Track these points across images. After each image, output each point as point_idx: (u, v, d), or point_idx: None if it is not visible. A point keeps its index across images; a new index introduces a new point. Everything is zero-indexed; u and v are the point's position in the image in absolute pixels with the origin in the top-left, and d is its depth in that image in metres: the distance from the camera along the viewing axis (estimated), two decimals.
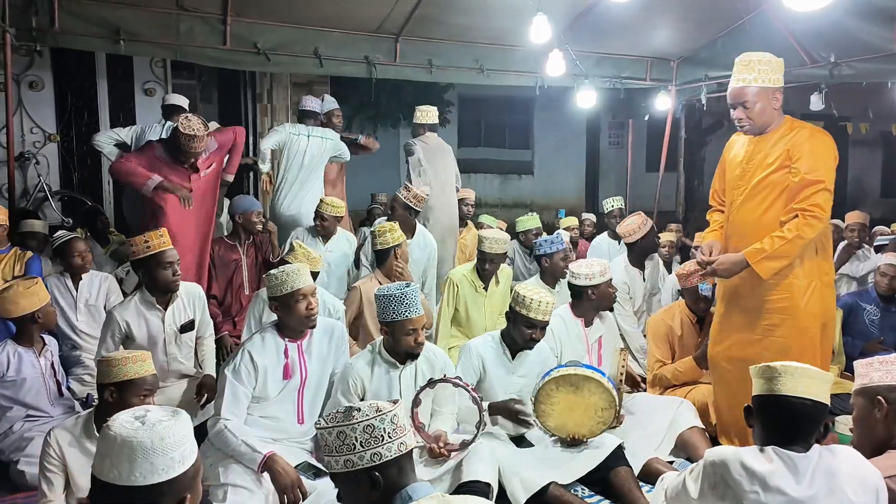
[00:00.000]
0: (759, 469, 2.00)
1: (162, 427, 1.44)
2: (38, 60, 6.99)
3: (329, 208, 5.03)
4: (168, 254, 3.52)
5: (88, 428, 2.64)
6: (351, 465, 1.62)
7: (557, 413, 3.21)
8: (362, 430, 1.62)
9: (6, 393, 3.43)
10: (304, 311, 3.03)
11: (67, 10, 5.21)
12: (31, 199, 6.94)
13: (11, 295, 3.42)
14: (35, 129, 7.20)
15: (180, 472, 1.45)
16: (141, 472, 1.41)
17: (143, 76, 7.57)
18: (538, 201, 12.93)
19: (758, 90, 3.09)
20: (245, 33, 5.79)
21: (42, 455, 2.60)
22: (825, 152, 3.05)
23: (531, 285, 3.89)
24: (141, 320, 3.57)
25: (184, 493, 1.47)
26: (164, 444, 1.42)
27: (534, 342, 3.36)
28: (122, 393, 2.56)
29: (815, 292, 3.18)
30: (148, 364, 2.62)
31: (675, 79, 7.39)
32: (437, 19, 6.02)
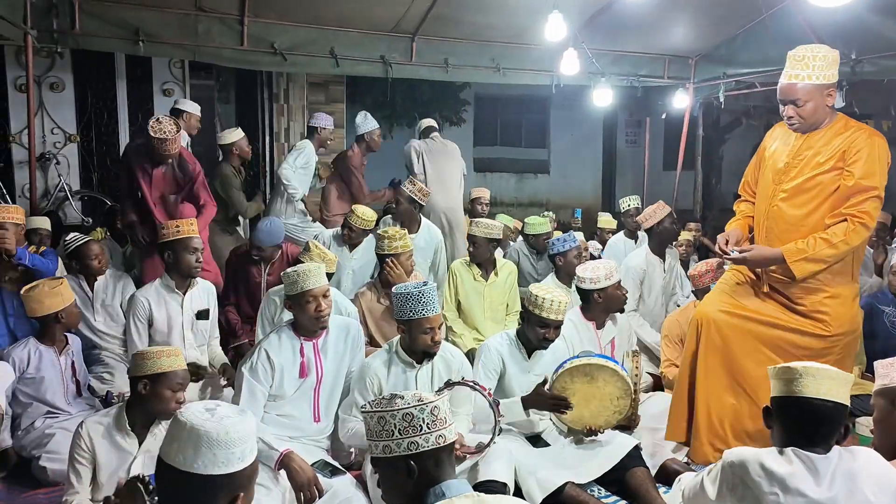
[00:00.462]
0: (779, 470, 1.98)
1: (229, 422, 1.52)
2: (59, 62, 7.08)
3: (359, 220, 4.90)
4: (195, 240, 3.76)
5: (120, 421, 2.69)
6: (389, 451, 1.64)
7: (573, 405, 3.20)
8: (402, 417, 1.63)
9: (26, 390, 3.48)
10: (313, 312, 3.06)
11: (88, 11, 5.29)
12: (52, 198, 7.03)
13: (37, 294, 3.47)
14: (56, 130, 7.29)
15: (238, 468, 1.51)
16: (203, 461, 1.48)
17: (162, 77, 7.64)
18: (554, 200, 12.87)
19: (811, 87, 2.86)
20: (262, 33, 5.82)
21: (72, 446, 2.64)
22: (881, 158, 2.89)
23: (546, 285, 3.88)
24: (161, 303, 3.76)
25: (238, 490, 1.53)
26: (229, 437, 1.50)
27: (548, 342, 3.36)
28: (154, 385, 2.62)
29: (847, 301, 3.07)
30: (181, 359, 2.70)
31: (693, 76, 7.33)
32: (453, 18, 6.02)
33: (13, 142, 7.12)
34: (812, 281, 2.99)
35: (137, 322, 3.75)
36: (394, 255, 4.17)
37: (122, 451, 2.67)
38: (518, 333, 3.48)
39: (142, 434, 2.71)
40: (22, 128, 7.01)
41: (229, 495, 1.51)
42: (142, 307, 3.74)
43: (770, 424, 2.11)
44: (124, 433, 2.67)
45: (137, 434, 2.70)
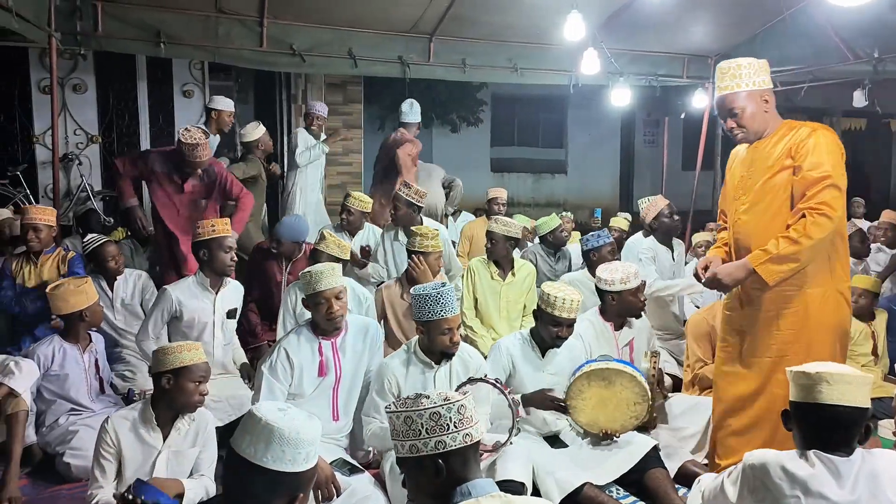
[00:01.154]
0: (800, 473, 1.97)
1: (299, 423, 1.62)
2: (82, 64, 7.17)
3: (356, 202, 5.10)
4: (229, 239, 3.81)
5: (146, 416, 2.73)
6: (415, 451, 1.65)
7: (589, 408, 3.20)
8: (429, 416, 1.64)
9: (50, 387, 3.53)
10: (325, 314, 3.10)
11: (110, 14, 5.36)
12: (74, 198, 7.12)
13: (62, 293, 3.52)
14: (78, 131, 7.38)
15: (302, 469, 1.59)
16: (272, 456, 1.57)
17: (182, 78, 7.71)
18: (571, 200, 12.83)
19: (744, 94, 2.88)
20: (281, 35, 5.87)
21: (98, 441, 2.69)
22: (828, 147, 2.82)
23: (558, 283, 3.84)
24: (193, 300, 3.77)
25: (298, 491, 1.61)
26: (299, 437, 1.59)
27: (561, 340, 3.37)
28: (178, 379, 2.67)
29: (830, 302, 2.91)
30: (201, 353, 2.76)
31: (713, 76, 7.26)
32: (470, 18, 6.03)
33: (37, 142, 7.22)
34: (787, 286, 2.89)
35: (159, 315, 3.75)
36: (422, 253, 4.18)
37: (148, 445, 2.71)
38: (532, 332, 3.49)
39: (166, 429, 2.75)
40: (45, 129, 7.11)
41: (290, 494, 1.59)
42: (170, 302, 3.74)
43: (790, 427, 2.09)
44: (150, 428, 2.72)
45: (162, 429, 2.74)
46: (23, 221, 4.20)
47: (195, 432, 2.82)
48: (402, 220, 4.84)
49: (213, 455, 2.90)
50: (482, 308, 4.55)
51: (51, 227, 4.23)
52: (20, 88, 7.14)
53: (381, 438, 3.03)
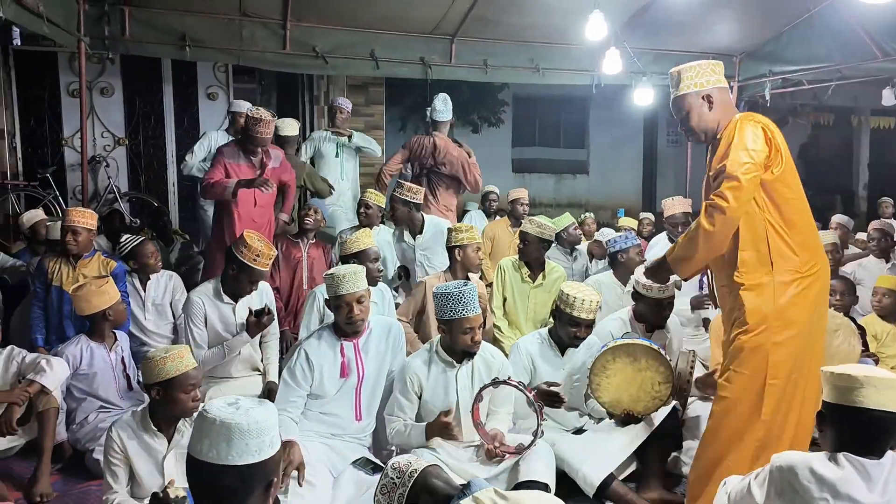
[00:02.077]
0: (829, 476, 1.94)
1: (255, 412, 1.58)
2: (110, 67, 7.30)
3: (374, 197, 5.19)
4: (262, 273, 3.77)
5: (145, 422, 2.73)
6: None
7: (613, 387, 3.20)
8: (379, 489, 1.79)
9: (80, 385, 3.59)
10: (345, 318, 3.12)
11: (137, 18, 5.46)
12: (102, 200, 7.25)
13: (85, 293, 3.58)
14: (105, 134, 7.51)
15: (269, 455, 1.58)
16: (237, 452, 1.54)
17: (206, 81, 7.82)
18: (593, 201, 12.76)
19: (687, 96, 2.86)
20: (304, 37, 5.92)
21: (105, 449, 2.71)
22: (739, 137, 2.67)
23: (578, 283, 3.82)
24: (214, 306, 3.80)
25: (271, 476, 1.60)
26: (259, 426, 1.57)
27: (579, 340, 3.39)
28: (167, 390, 2.64)
29: (771, 296, 2.69)
30: (187, 359, 2.69)
31: (738, 75, 7.20)
32: (492, 19, 6.03)
33: (66, 145, 7.37)
34: (728, 288, 2.79)
35: (196, 322, 3.75)
36: (460, 247, 4.22)
37: (153, 449, 2.71)
38: (551, 332, 3.50)
39: (168, 431, 2.75)
40: (74, 132, 7.25)
41: (263, 481, 1.58)
42: (199, 307, 3.77)
43: (822, 429, 2.07)
44: (152, 433, 2.72)
45: (164, 432, 2.74)
46: (63, 224, 4.25)
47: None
48: (402, 219, 4.85)
49: None
50: (509, 309, 4.53)
51: (90, 230, 4.23)
52: (50, 92, 7.29)
53: (404, 437, 3.05)
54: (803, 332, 2.70)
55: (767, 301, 2.68)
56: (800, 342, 2.70)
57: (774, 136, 2.71)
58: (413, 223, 4.91)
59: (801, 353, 2.71)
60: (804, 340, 2.71)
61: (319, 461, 2.97)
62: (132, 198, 7.53)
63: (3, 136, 6.97)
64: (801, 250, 2.71)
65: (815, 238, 2.85)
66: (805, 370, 2.70)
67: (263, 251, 3.69)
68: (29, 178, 7.14)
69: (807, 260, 2.72)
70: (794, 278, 2.69)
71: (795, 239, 2.72)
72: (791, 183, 2.75)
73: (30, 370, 3.37)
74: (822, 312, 2.85)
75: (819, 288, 2.76)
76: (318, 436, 3.10)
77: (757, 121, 2.74)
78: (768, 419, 2.66)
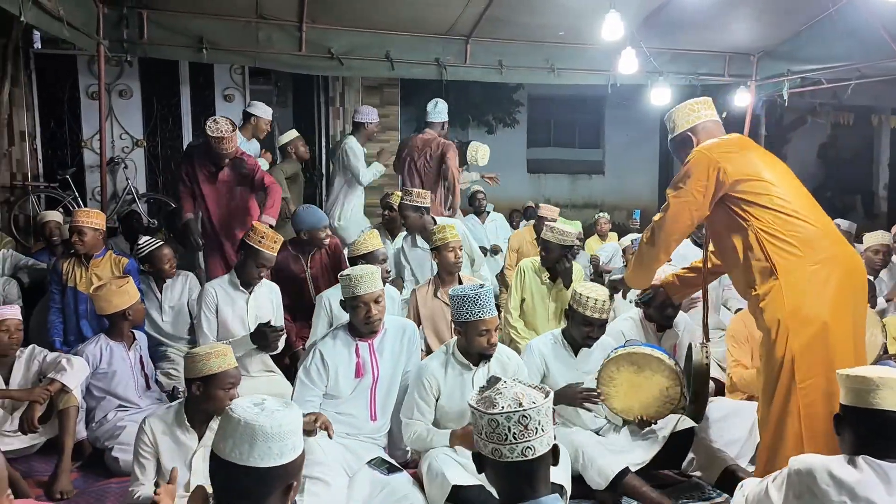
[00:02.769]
0: (848, 478, 1.93)
1: (280, 415, 1.57)
2: (128, 70, 7.37)
3: (398, 199, 5.19)
4: (267, 257, 3.91)
5: (180, 418, 2.76)
6: (478, 447, 1.63)
7: (622, 394, 3.20)
8: (486, 422, 1.59)
9: (99, 384, 3.63)
10: (363, 317, 3.12)
11: (155, 21, 5.51)
12: (120, 201, 7.32)
13: (105, 293, 3.62)
14: (124, 135, 7.58)
15: (292, 458, 1.57)
16: (259, 454, 1.53)
17: (223, 83, 7.87)
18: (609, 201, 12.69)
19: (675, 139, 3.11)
20: (319, 39, 5.94)
21: (136, 441, 2.74)
22: (686, 166, 2.92)
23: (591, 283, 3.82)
24: (228, 299, 3.90)
25: (291, 479, 1.59)
26: (282, 430, 1.56)
27: (591, 340, 3.39)
28: (207, 386, 2.68)
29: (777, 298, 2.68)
30: (230, 358, 2.73)
31: (756, 74, 7.14)
32: (507, 20, 6.02)
33: (85, 147, 7.45)
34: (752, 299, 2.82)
35: (207, 312, 3.86)
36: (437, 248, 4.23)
37: (183, 445, 2.74)
38: (563, 332, 3.50)
39: (201, 429, 2.78)
40: (93, 133, 7.33)
41: (284, 484, 1.58)
42: (211, 298, 3.87)
43: (840, 431, 2.05)
44: (184, 429, 2.75)
45: (196, 429, 2.77)
46: (70, 224, 4.32)
47: None
48: (414, 226, 4.81)
49: None
50: (527, 310, 4.52)
51: (97, 230, 4.27)
52: (69, 95, 7.38)
53: (425, 441, 3.06)
54: (831, 325, 2.63)
55: (779, 306, 2.67)
56: (831, 336, 2.63)
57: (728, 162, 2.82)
58: (425, 228, 4.88)
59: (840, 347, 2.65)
60: (838, 333, 2.65)
61: (335, 461, 2.99)
62: (150, 199, 7.60)
63: (23, 138, 7.06)
64: (804, 246, 2.70)
65: (822, 228, 2.79)
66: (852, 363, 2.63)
67: (268, 234, 3.88)
68: (49, 179, 7.24)
69: (815, 252, 2.70)
70: (804, 275, 2.67)
71: (795, 236, 2.71)
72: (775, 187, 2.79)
73: (51, 369, 3.42)
74: (854, 301, 2.75)
75: (840, 276, 2.70)
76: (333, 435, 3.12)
77: (709, 151, 2.87)
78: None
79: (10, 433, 3.38)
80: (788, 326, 2.64)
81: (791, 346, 2.63)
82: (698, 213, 2.89)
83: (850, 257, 2.81)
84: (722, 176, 2.80)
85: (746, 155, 2.89)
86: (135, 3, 5.37)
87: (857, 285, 2.79)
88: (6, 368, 3.48)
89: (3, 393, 3.39)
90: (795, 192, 2.83)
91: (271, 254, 3.91)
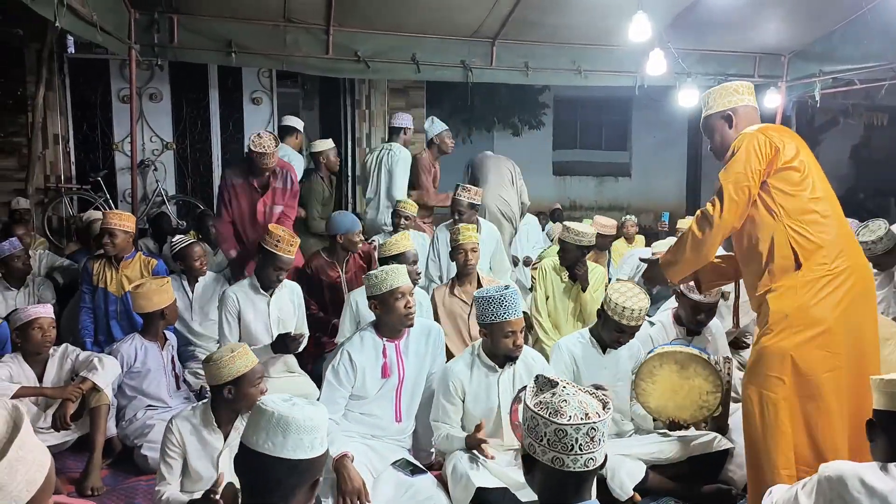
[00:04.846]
0: (881, 486, 1.88)
1: (310, 409, 1.66)
2: (158, 74, 7.51)
3: (409, 207, 5.29)
4: (285, 261, 3.91)
5: (207, 418, 2.78)
6: (533, 451, 1.61)
7: (659, 394, 3.16)
8: (553, 431, 1.56)
9: (131, 383, 3.69)
10: (403, 310, 3.09)
11: (185, 26, 5.60)
12: (150, 203, 7.45)
13: (145, 292, 3.67)
14: (154, 138, 7.72)
15: (319, 453, 1.64)
16: (293, 445, 1.60)
17: (251, 86, 7.97)
18: (635, 204, 12.59)
19: (708, 118, 2.97)
20: (346, 42, 5.99)
21: (163, 441, 2.77)
22: (740, 152, 2.72)
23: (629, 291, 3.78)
24: (249, 302, 3.92)
25: (317, 474, 1.65)
26: (313, 423, 1.64)
27: (620, 344, 3.38)
28: (238, 388, 2.69)
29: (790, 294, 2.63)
30: (251, 355, 2.75)
31: (786, 74, 7.02)
32: (533, 21, 6.01)
33: (116, 149, 7.60)
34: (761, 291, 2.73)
35: (228, 317, 3.90)
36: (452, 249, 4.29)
37: (209, 445, 2.77)
38: (592, 331, 3.48)
39: (226, 429, 2.80)
40: (124, 136, 7.47)
41: (311, 478, 1.64)
42: (232, 303, 3.90)
43: (873, 438, 2.00)
44: (211, 429, 2.77)
45: (223, 429, 2.79)
46: (101, 225, 4.39)
47: None
48: (468, 223, 4.82)
49: None
50: (550, 308, 4.55)
51: (127, 232, 4.32)
52: (101, 99, 7.53)
53: (446, 444, 3.06)
54: (833, 331, 2.58)
55: (791, 301, 2.62)
56: (830, 341, 2.58)
57: (783, 143, 2.69)
58: (478, 226, 4.89)
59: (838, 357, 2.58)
60: (836, 340, 2.59)
61: (360, 462, 2.99)
62: (179, 201, 7.72)
63: (57, 141, 7.22)
64: (829, 247, 2.65)
65: (843, 234, 2.74)
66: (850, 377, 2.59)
67: (284, 237, 3.88)
68: (81, 181, 7.39)
69: (835, 256, 2.64)
70: (822, 275, 2.62)
71: (821, 237, 2.65)
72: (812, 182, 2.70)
73: (83, 368, 3.48)
74: (863, 312, 2.68)
75: (853, 286, 2.64)
76: (358, 436, 3.13)
77: (763, 132, 2.74)
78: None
79: (43, 430, 3.44)
80: (792, 322, 2.60)
81: (790, 341, 2.59)
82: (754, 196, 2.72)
83: (862, 268, 2.75)
84: (777, 157, 2.68)
85: (793, 142, 2.78)
86: (165, 8, 5.47)
87: (867, 298, 2.73)
88: (40, 366, 3.55)
89: (36, 390, 3.45)
90: (826, 191, 2.77)
91: (289, 257, 3.92)
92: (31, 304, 3.91)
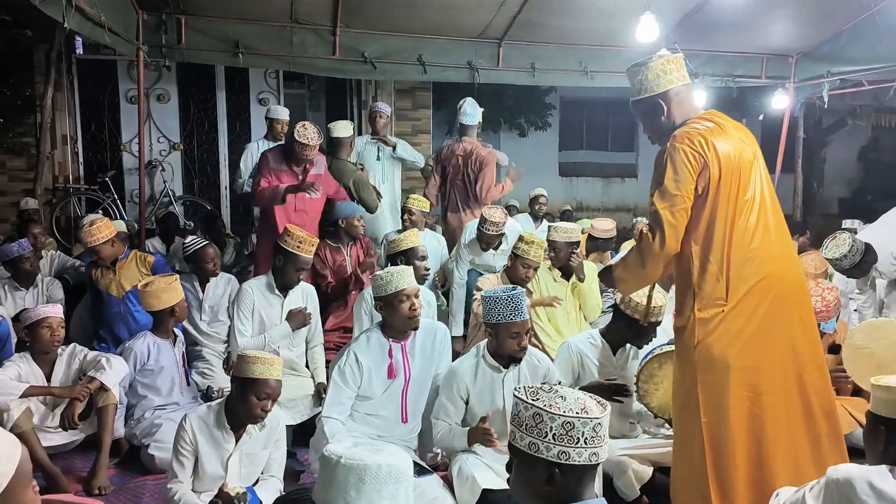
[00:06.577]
0: (889, 490, 1.88)
1: (387, 455, 1.53)
2: (166, 75, 7.54)
3: (417, 203, 5.23)
4: (305, 260, 3.95)
5: (220, 419, 2.78)
6: (534, 450, 1.54)
7: (661, 393, 3.17)
8: (560, 424, 1.52)
9: (144, 381, 3.69)
10: (407, 312, 3.08)
11: (193, 27, 5.62)
12: (158, 203, 7.48)
13: (155, 290, 3.68)
14: (161, 139, 7.75)
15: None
16: (367, 500, 1.42)
17: (258, 87, 8.00)
18: (642, 205, 12.56)
19: (638, 102, 2.69)
20: (353, 43, 6.00)
21: (176, 438, 2.78)
22: (668, 166, 2.55)
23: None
24: (264, 300, 3.94)
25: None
26: (393, 471, 1.48)
27: (644, 344, 3.39)
28: (243, 389, 2.69)
29: (688, 334, 2.54)
30: (276, 370, 2.72)
31: (794, 76, 7.00)
32: (540, 22, 6.00)
33: (124, 150, 7.64)
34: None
35: (245, 310, 3.89)
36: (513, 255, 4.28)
37: (220, 446, 2.77)
38: (603, 332, 3.48)
39: (238, 432, 2.80)
40: (132, 137, 7.51)
41: None
42: (249, 297, 3.91)
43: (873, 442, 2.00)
44: (223, 430, 2.77)
45: (234, 432, 2.79)
46: (87, 245, 4.35)
47: (266, 435, 2.87)
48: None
49: (284, 456, 2.97)
50: (548, 311, 4.53)
51: (108, 240, 4.32)
52: (109, 99, 7.57)
53: (448, 440, 3.06)
54: (738, 370, 2.46)
55: (688, 343, 2.53)
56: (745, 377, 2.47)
57: (706, 150, 2.49)
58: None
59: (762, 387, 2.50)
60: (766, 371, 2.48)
61: None
62: (186, 201, 7.75)
63: (65, 142, 7.26)
64: (759, 265, 2.48)
65: (774, 240, 2.55)
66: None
67: (305, 238, 3.89)
68: (89, 181, 7.44)
69: (740, 285, 2.47)
70: (715, 314, 2.48)
71: (754, 254, 2.48)
72: (748, 185, 2.53)
73: (91, 367, 3.50)
74: (790, 323, 2.54)
75: (761, 319, 2.48)
76: (364, 437, 3.12)
77: (689, 141, 2.52)
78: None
79: (51, 429, 3.46)
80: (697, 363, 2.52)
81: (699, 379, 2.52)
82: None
83: (785, 276, 2.57)
84: (709, 172, 2.49)
85: (727, 141, 2.55)
86: (173, 9, 5.49)
87: (791, 305, 2.58)
88: (48, 366, 3.57)
89: (44, 390, 3.47)
90: (762, 187, 2.58)
91: (309, 257, 3.95)
92: (40, 304, 3.93)
